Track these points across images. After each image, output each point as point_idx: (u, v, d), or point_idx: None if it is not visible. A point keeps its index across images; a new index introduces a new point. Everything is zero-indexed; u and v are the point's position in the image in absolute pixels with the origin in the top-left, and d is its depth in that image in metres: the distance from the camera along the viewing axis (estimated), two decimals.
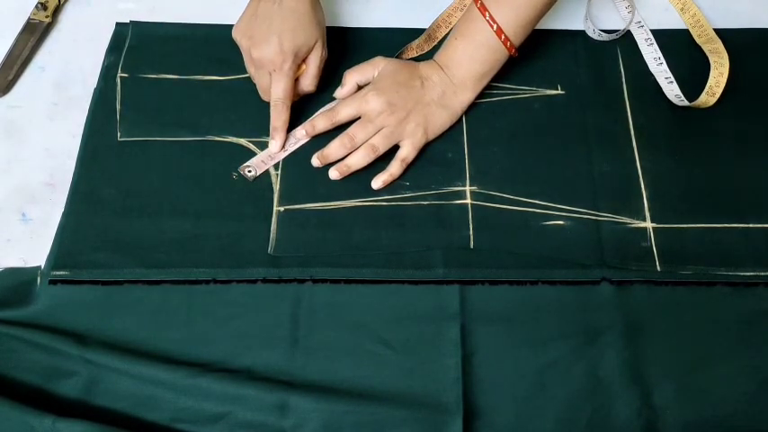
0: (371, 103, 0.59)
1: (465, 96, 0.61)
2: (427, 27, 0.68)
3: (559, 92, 0.64)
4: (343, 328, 0.53)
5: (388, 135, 0.59)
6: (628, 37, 0.68)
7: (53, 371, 0.51)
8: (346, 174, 0.59)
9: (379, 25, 0.69)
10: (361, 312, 0.54)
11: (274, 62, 0.58)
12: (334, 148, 0.59)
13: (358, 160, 0.59)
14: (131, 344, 0.52)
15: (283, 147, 0.61)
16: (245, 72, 0.63)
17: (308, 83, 0.61)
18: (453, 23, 0.67)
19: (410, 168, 0.60)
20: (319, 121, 0.61)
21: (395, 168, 0.59)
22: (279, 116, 0.60)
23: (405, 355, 0.52)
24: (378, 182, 0.59)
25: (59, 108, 0.64)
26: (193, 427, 0.50)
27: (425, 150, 0.61)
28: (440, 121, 0.61)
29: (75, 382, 0.51)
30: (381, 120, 0.59)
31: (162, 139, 0.61)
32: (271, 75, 0.59)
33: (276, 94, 0.59)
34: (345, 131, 0.59)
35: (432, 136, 0.61)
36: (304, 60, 0.60)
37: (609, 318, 0.53)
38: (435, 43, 0.67)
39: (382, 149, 0.59)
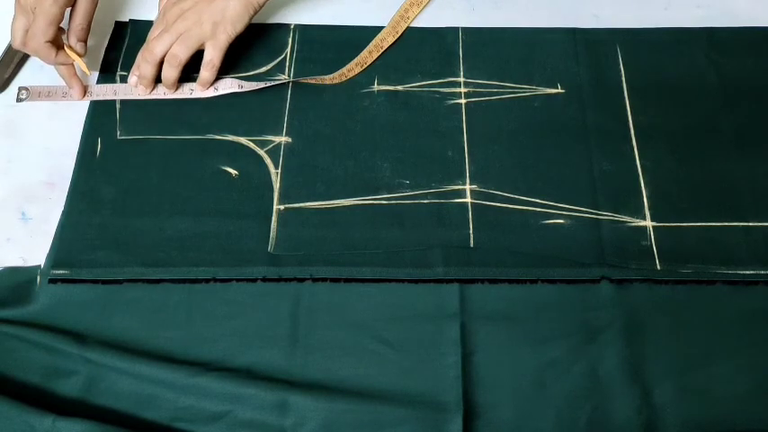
0: (167, 14, 0.60)
1: None
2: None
3: (559, 90, 0.64)
4: (342, 327, 0.53)
5: (186, 39, 0.60)
6: (628, 35, 0.67)
7: (53, 370, 0.51)
8: (172, 89, 0.62)
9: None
10: (361, 311, 0.54)
11: None
12: (143, 68, 0.61)
13: (167, 75, 0.61)
14: (131, 343, 0.52)
15: (85, 94, 0.63)
16: (246, 70, 0.63)
17: (78, 22, 0.60)
18: (385, 47, 0.66)
19: (410, 167, 0.60)
20: (142, 66, 0.61)
21: (204, 75, 0.61)
22: (48, 60, 0.60)
23: (404, 354, 0.52)
24: (196, 92, 0.61)
25: (59, 107, 0.63)
26: (193, 426, 0.50)
27: (425, 149, 0.61)
28: (234, 11, 0.60)
29: (75, 382, 0.51)
30: (176, 27, 0.60)
31: (161, 137, 0.61)
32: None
33: (32, 36, 0.58)
34: (144, 45, 0.61)
35: (232, 30, 0.61)
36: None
37: (609, 316, 0.53)
38: (364, 68, 0.66)
39: (184, 56, 0.60)
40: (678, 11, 0.69)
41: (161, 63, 0.61)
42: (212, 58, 0.61)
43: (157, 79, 0.62)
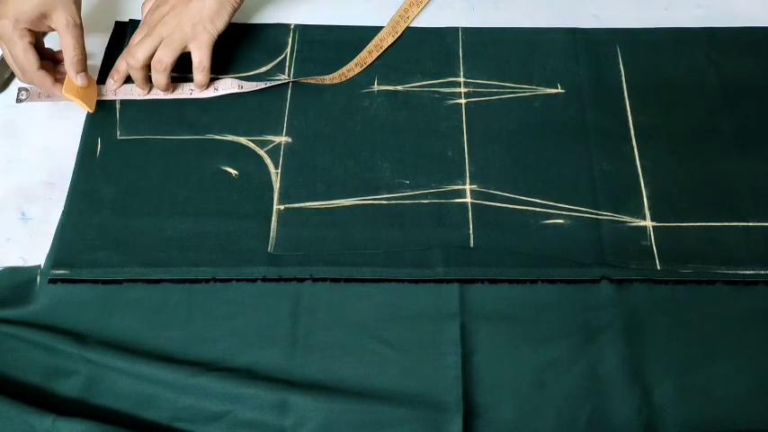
0: (148, 21, 0.61)
1: None
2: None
3: (559, 90, 0.64)
4: (342, 327, 0.53)
5: (169, 44, 0.60)
6: (628, 35, 0.67)
7: (53, 370, 0.51)
8: (167, 92, 0.62)
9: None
10: (361, 311, 0.54)
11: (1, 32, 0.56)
12: (132, 74, 0.61)
13: (157, 80, 0.61)
14: (131, 343, 0.52)
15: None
16: (246, 70, 0.63)
17: (71, 55, 0.58)
18: (385, 47, 0.66)
19: (410, 167, 0.60)
20: (132, 73, 0.61)
21: (198, 79, 0.61)
22: (46, 89, 0.60)
23: (404, 354, 0.52)
24: (196, 92, 0.62)
25: (59, 107, 0.63)
26: (193, 426, 0.50)
27: (425, 149, 0.61)
28: (210, 10, 0.60)
29: (75, 382, 0.51)
30: (158, 31, 0.60)
31: (161, 137, 0.61)
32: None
33: (23, 72, 0.58)
34: (126, 49, 0.62)
35: (212, 28, 0.61)
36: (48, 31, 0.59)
37: (609, 316, 0.53)
38: (364, 68, 0.66)
39: (168, 60, 0.60)
40: (678, 11, 0.69)
41: (146, 66, 0.61)
42: (200, 60, 0.61)
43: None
